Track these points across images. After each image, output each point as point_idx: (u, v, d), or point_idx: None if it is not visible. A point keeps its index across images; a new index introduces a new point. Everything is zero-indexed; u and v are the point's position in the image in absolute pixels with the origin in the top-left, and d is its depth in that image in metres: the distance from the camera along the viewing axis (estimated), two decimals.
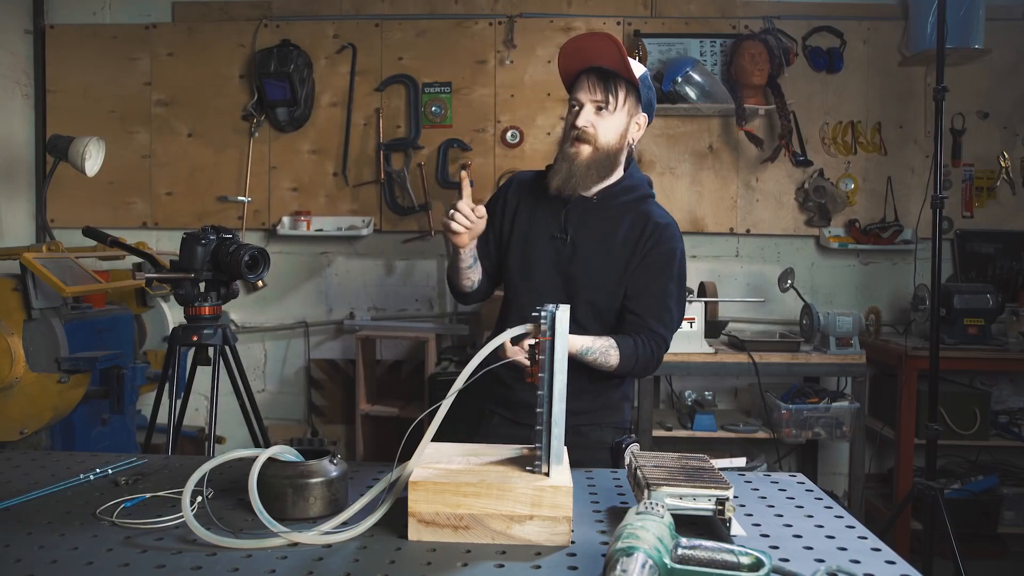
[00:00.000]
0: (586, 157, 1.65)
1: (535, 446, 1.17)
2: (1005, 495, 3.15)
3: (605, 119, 1.65)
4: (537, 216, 1.75)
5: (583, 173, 1.66)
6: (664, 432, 3.07)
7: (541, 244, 1.73)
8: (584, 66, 1.66)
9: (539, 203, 1.76)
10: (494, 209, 1.82)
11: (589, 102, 1.65)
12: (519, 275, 1.76)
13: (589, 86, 1.64)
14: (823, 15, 3.48)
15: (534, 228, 1.75)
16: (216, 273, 2.29)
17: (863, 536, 1.13)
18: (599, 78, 1.64)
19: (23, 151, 3.61)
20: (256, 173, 3.58)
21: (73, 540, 1.07)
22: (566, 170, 1.66)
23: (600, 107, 1.64)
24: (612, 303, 1.71)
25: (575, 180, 1.66)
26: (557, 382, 1.14)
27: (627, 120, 1.68)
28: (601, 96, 1.64)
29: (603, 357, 1.61)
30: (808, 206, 3.47)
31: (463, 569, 0.99)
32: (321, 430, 3.61)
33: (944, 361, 2.64)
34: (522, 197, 1.79)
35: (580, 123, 1.64)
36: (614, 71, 1.64)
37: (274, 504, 1.12)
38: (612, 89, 1.64)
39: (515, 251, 1.77)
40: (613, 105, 1.64)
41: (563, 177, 1.66)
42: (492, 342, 1.19)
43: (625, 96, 1.65)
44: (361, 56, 3.54)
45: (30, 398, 2.54)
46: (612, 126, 1.66)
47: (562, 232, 1.71)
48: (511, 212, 1.79)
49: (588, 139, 1.64)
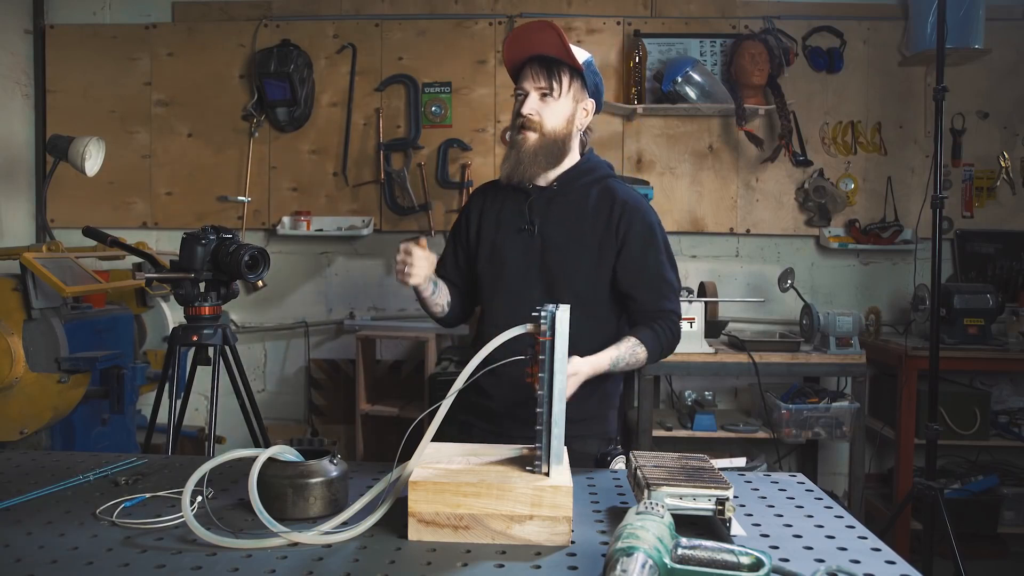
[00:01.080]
0: (532, 143, 1.67)
1: (535, 446, 1.17)
2: (1005, 495, 3.15)
3: (550, 105, 1.67)
4: (502, 216, 1.76)
5: (531, 159, 1.67)
6: (664, 432, 3.07)
7: (510, 240, 1.73)
8: (527, 55, 1.68)
9: (503, 204, 1.77)
10: (460, 225, 1.85)
11: (533, 90, 1.67)
12: (491, 275, 1.76)
13: (533, 75, 1.67)
14: (823, 15, 3.48)
15: (501, 227, 1.76)
16: (216, 273, 2.29)
17: (863, 536, 1.13)
18: (542, 66, 1.66)
19: (23, 151, 3.61)
20: (256, 173, 3.59)
21: (73, 540, 1.07)
22: (514, 157, 1.69)
23: (544, 94, 1.67)
24: (594, 291, 1.70)
25: (523, 167, 1.68)
26: (557, 382, 1.14)
27: (573, 106, 1.70)
28: (545, 83, 1.66)
29: (633, 359, 1.61)
30: (808, 206, 3.47)
31: (463, 569, 0.99)
32: (321, 430, 3.61)
33: (944, 361, 2.64)
34: (485, 202, 1.81)
35: (525, 111, 1.67)
36: (557, 58, 1.66)
37: (274, 504, 1.12)
38: (556, 76, 1.66)
39: (484, 254, 1.77)
40: (558, 91, 1.67)
41: (511, 164, 1.69)
42: (493, 341, 1.18)
43: (570, 82, 1.68)
44: (361, 56, 3.54)
45: (30, 398, 2.54)
46: (557, 111, 1.68)
47: (528, 224, 1.71)
48: (475, 219, 1.81)
49: (533, 126, 1.67)
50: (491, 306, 1.77)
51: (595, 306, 1.70)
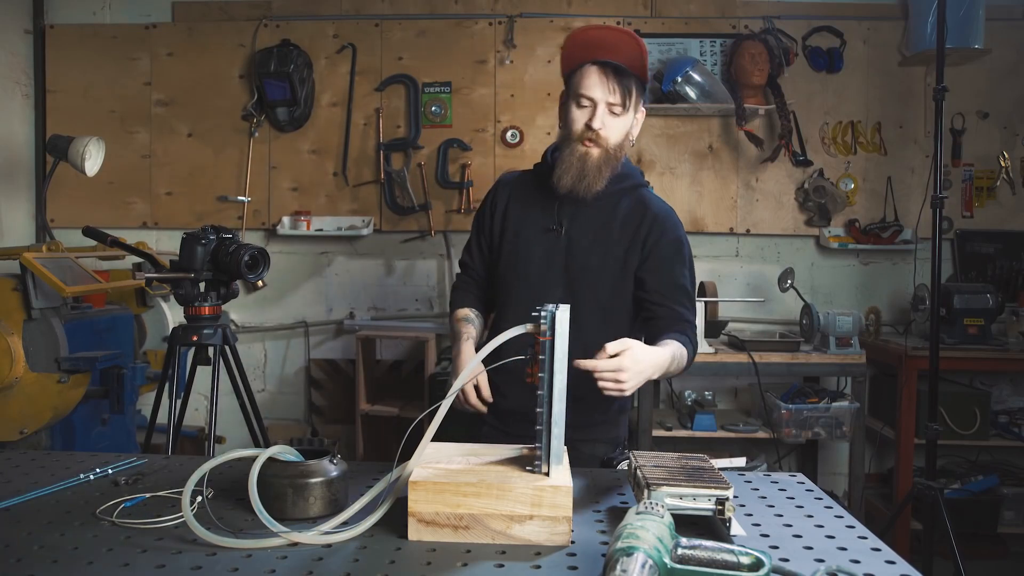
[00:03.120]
0: (597, 157, 1.60)
1: (535, 446, 1.17)
2: (1005, 495, 3.15)
3: (616, 119, 1.60)
4: (528, 213, 1.72)
5: (595, 173, 1.61)
6: (664, 432, 3.07)
7: (535, 239, 1.69)
8: (595, 58, 1.59)
9: (529, 200, 1.73)
10: (484, 215, 1.79)
11: (604, 103, 1.58)
12: (513, 273, 1.71)
13: (609, 86, 1.57)
14: (823, 15, 3.48)
15: (526, 225, 1.71)
16: (216, 273, 2.29)
17: (863, 536, 1.13)
18: (617, 79, 1.57)
19: (23, 151, 3.61)
20: (256, 173, 3.58)
21: (73, 540, 1.07)
22: (578, 169, 1.61)
23: (615, 110, 1.59)
24: (615, 299, 1.67)
25: (587, 180, 1.61)
26: (557, 382, 1.14)
27: (633, 118, 1.64)
28: (619, 99, 1.58)
29: (677, 364, 1.54)
30: (808, 206, 3.47)
31: (463, 569, 0.99)
32: (321, 430, 3.61)
33: (944, 361, 2.64)
34: (511, 196, 1.76)
35: (596, 125, 1.58)
36: (629, 70, 1.59)
37: (274, 504, 1.12)
38: (629, 91, 1.58)
39: (507, 248, 1.73)
40: (628, 106, 1.60)
41: (575, 176, 1.61)
42: (493, 341, 1.18)
43: (637, 96, 1.62)
44: (361, 56, 3.54)
45: (30, 398, 2.54)
46: (622, 126, 1.62)
47: (556, 224, 1.67)
48: (500, 212, 1.76)
49: (600, 141, 1.60)
50: (508, 303, 1.72)
51: (615, 314, 1.67)
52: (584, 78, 1.59)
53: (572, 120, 1.62)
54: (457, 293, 1.85)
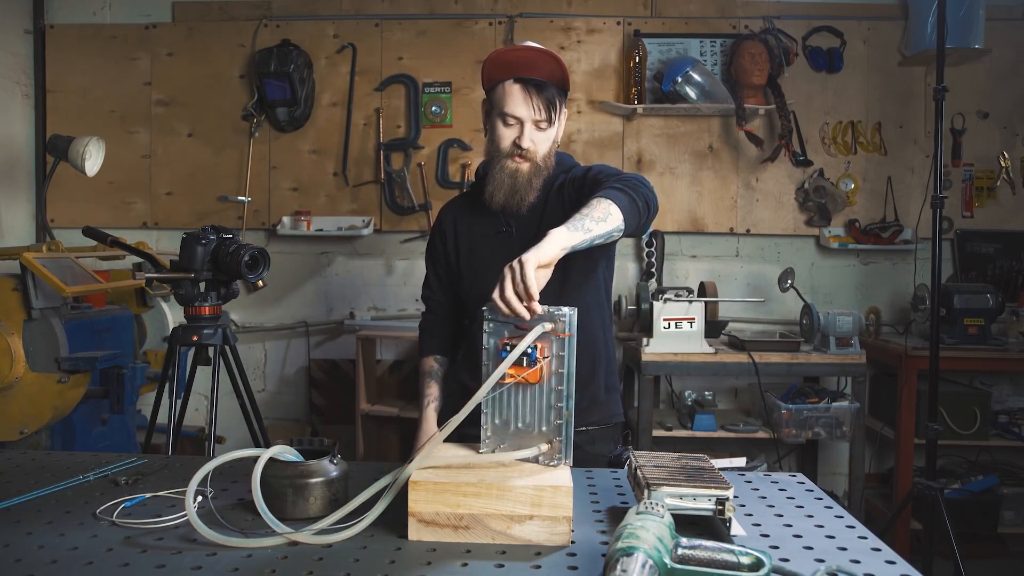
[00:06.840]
0: (528, 171, 1.62)
1: (535, 446, 1.17)
2: (1005, 495, 3.14)
3: (544, 133, 1.62)
4: (475, 227, 1.74)
5: (526, 187, 1.63)
6: (664, 432, 3.07)
7: (490, 245, 1.71)
8: (516, 75, 1.59)
9: (474, 217, 1.75)
10: (435, 245, 1.82)
11: (531, 121, 1.59)
12: (482, 282, 1.68)
13: (533, 104, 1.58)
14: (823, 15, 3.48)
15: (477, 238, 1.73)
16: (216, 273, 2.29)
17: (863, 536, 1.13)
18: (540, 96, 1.58)
19: (23, 151, 3.61)
20: (256, 173, 3.58)
21: (73, 540, 1.07)
22: (509, 185, 1.62)
23: (542, 126, 1.61)
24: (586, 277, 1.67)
25: (519, 195, 1.63)
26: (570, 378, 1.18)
27: (560, 126, 1.66)
28: (545, 115, 1.59)
29: (604, 224, 1.38)
30: (808, 206, 3.47)
31: (463, 569, 0.99)
32: (321, 430, 3.61)
33: (944, 361, 2.64)
34: (457, 218, 1.79)
35: (526, 144, 1.59)
36: (551, 83, 1.60)
37: (274, 504, 1.12)
38: (553, 104, 1.60)
39: (466, 264, 1.75)
40: (554, 120, 1.61)
41: (507, 192, 1.63)
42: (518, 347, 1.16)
43: (560, 105, 1.63)
44: (361, 56, 3.54)
45: (30, 398, 2.54)
46: (550, 137, 1.64)
47: (505, 226, 1.69)
48: (451, 236, 1.78)
49: (530, 156, 1.61)
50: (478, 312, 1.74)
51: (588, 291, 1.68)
52: (508, 96, 1.60)
53: (500, 137, 1.63)
54: (423, 337, 1.89)
